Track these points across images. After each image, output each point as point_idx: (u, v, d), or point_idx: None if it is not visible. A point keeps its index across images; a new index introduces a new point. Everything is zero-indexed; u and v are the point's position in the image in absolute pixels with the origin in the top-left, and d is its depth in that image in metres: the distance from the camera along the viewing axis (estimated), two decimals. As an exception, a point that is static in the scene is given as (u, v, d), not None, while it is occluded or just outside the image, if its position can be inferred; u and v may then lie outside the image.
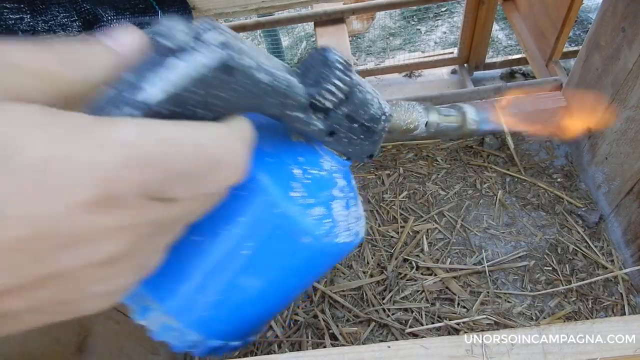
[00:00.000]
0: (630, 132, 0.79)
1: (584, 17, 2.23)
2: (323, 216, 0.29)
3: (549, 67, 1.36)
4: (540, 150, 1.01)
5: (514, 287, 0.82)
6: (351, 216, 0.32)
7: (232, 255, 0.28)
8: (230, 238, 0.28)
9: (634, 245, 0.81)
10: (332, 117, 0.27)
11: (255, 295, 0.30)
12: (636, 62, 0.74)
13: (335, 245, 0.29)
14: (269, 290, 0.30)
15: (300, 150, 0.30)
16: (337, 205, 0.30)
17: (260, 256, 0.28)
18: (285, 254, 0.29)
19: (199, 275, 0.28)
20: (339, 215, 0.30)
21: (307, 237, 0.28)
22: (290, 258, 0.29)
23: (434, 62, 1.91)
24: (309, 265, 0.31)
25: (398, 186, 0.97)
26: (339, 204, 0.30)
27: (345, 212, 0.31)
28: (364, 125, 0.29)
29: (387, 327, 0.79)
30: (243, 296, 0.29)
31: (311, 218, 0.28)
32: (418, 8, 2.46)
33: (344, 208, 0.31)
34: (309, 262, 0.30)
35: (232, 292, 0.29)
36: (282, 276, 0.30)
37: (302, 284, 0.33)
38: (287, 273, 0.30)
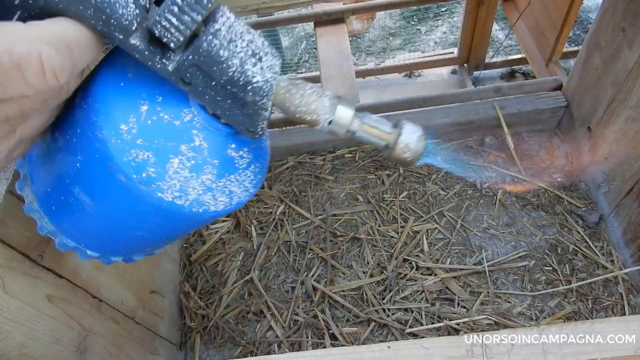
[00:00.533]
0: (630, 132, 0.79)
1: (584, 17, 2.23)
2: (147, 163, 0.27)
3: (549, 67, 1.36)
4: (540, 150, 1.01)
5: (514, 287, 0.82)
6: (200, 183, 0.29)
7: (68, 163, 0.28)
8: (69, 146, 0.28)
9: (634, 245, 0.81)
10: (180, 62, 0.24)
11: (90, 213, 0.30)
12: (636, 62, 0.74)
13: (157, 200, 0.27)
14: (101, 213, 0.30)
15: (166, 91, 0.27)
16: (176, 162, 0.28)
17: (88, 173, 0.28)
18: (105, 183, 0.28)
19: (46, 171, 0.30)
20: (174, 174, 0.28)
21: (120, 174, 0.27)
22: (110, 190, 0.28)
23: (434, 62, 1.91)
24: (135, 208, 0.29)
25: (398, 186, 0.97)
26: (181, 162, 0.28)
27: (186, 174, 0.28)
28: (225, 87, 0.26)
29: (387, 327, 0.79)
30: (79, 207, 0.30)
31: (130, 158, 0.26)
32: (418, 8, 2.46)
33: (189, 170, 0.28)
34: (133, 204, 0.28)
35: (68, 198, 0.29)
36: (110, 206, 0.29)
37: (140, 226, 0.31)
38: (113, 203, 0.29)
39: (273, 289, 0.87)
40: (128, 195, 0.27)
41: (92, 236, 0.33)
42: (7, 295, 0.45)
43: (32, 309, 0.48)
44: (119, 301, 0.65)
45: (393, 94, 1.92)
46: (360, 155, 1.04)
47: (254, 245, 0.92)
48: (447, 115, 1.01)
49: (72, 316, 0.54)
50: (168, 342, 0.80)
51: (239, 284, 0.87)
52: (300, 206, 0.96)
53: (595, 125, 0.89)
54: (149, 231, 0.32)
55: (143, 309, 0.73)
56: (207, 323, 0.84)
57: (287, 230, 0.93)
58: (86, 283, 0.58)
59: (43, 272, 0.50)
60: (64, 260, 0.54)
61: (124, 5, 0.22)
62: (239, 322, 0.84)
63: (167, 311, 0.82)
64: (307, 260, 0.88)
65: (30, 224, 0.49)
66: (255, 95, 0.26)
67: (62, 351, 0.52)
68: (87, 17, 0.22)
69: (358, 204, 0.96)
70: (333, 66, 1.34)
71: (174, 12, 0.22)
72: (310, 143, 1.03)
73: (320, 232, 0.92)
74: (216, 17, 0.24)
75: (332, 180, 1.00)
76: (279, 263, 0.90)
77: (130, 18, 0.22)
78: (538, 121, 1.02)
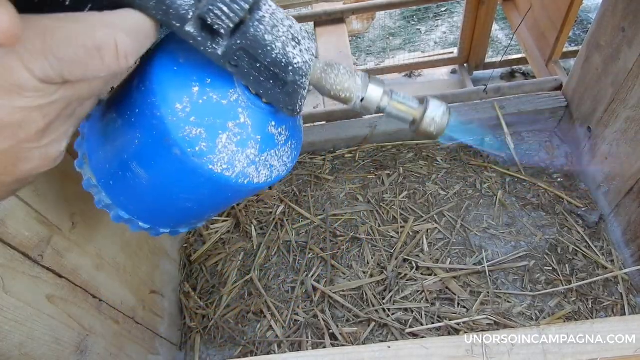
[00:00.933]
0: (630, 132, 0.79)
1: (584, 17, 2.23)
2: (199, 138, 0.30)
3: (549, 67, 1.36)
4: (540, 150, 1.01)
5: (514, 287, 0.82)
6: (245, 156, 0.32)
7: (127, 140, 0.31)
8: (127, 125, 0.31)
9: (634, 245, 0.81)
10: (228, 47, 0.27)
11: (146, 187, 0.33)
12: (636, 62, 0.74)
13: (208, 171, 0.30)
14: (156, 185, 0.33)
15: (215, 73, 0.30)
16: (224, 137, 0.30)
17: (145, 149, 0.31)
18: (161, 157, 0.31)
19: (104, 149, 0.33)
20: (224, 147, 0.30)
21: (176, 148, 0.29)
22: (166, 163, 0.31)
23: (434, 62, 1.91)
24: (187, 180, 0.31)
25: (398, 186, 0.97)
26: (228, 137, 0.31)
27: (234, 148, 0.31)
28: (268, 69, 0.28)
29: (387, 327, 0.79)
30: (135, 182, 0.33)
31: (185, 134, 0.29)
32: (418, 8, 2.46)
33: (236, 144, 0.31)
34: (186, 176, 0.31)
35: (125, 174, 0.32)
36: (165, 179, 0.32)
37: (190, 197, 0.34)
38: (168, 178, 0.32)
39: (273, 289, 0.87)
40: (182, 168, 0.30)
41: (146, 208, 0.36)
42: (7, 295, 0.45)
43: (32, 308, 0.48)
44: (119, 301, 0.65)
45: (393, 94, 1.91)
46: (360, 155, 1.04)
47: (254, 245, 0.92)
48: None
49: (72, 316, 0.54)
50: (168, 342, 0.80)
51: (239, 284, 0.87)
52: (300, 206, 0.96)
53: (595, 125, 0.89)
54: (197, 202, 0.35)
55: (143, 309, 0.73)
56: (207, 323, 0.84)
57: (287, 230, 0.93)
58: (86, 283, 0.58)
59: (43, 272, 0.50)
60: (64, 260, 0.54)
61: None
62: (239, 322, 0.84)
63: (167, 311, 0.82)
64: (307, 260, 0.88)
65: (31, 224, 0.49)
66: (296, 75, 0.29)
67: (62, 351, 0.52)
68: (149, 7, 0.24)
69: (358, 204, 0.96)
70: (333, 66, 1.34)
71: (225, 1, 0.25)
72: (310, 143, 1.03)
73: (320, 232, 0.92)
74: (260, 5, 0.27)
75: (332, 180, 1.00)
76: (279, 263, 0.90)
77: (186, 8, 0.25)
78: (538, 121, 1.02)
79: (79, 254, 0.57)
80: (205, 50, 0.27)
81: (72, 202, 0.57)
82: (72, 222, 0.57)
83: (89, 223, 0.60)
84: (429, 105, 0.32)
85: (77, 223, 0.57)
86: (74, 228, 0.57)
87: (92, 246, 0.60)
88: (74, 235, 0.57)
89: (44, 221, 0.51)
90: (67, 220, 0.56)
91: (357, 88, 0.31)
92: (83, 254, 0.58)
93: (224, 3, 0.25)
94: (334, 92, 0.31)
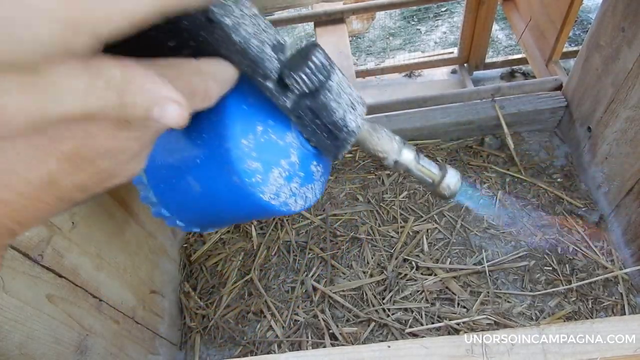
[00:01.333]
0: (630, 132, 0.79)
1: (584, 17, 2.23)
2: (257, 171, 0.35)
3: (549, 67, 1.36)
4: (540, 150, 1.01)
5: (514, 287, 0.82)
6: (289, 189, 0.37)
7: (188, 157, 0.36)
8: (192, 145, 0.36)
9: (634, 245, 0.81)
10: (297, 103, 0.32)
11: (195, 196, 0.38)
12: (636, 62, 0.74)
13: (257, 199, 0.35)
14: (206, 198, 0.38)
15: (276, 117, 0.35)
16: (277, 172, 0.36)
17: (205, 169, 0.36)
18: (219, 180, 0.35)
19: (162, 156, 0.38)
20: (274, 180, 0.36)
21: (236, 177, 0.34)
22: (222, 185, 0.36)
23: (434, 62, 1.91)
24: (237, 201, 0.37)
25: (398, 186, 0.97)
26: (280, 172, 0.36)
27: (282, 182, 0.36)
28: (326, 126, 0.33)
29: (387, 327, 0.79)
30: (186, 190, 0.38)
31: (246, 166, 0.34)
32: (418, 8, 2.46)
33: (284, 179, 0.36)
34: (237, 198, 0.36)
35: (179, 182, 0.38)
36: (217, 195, 0.37)
37: (232, 212, 0.39)
38: (220, 196, 0.37)
39: (273, 289, 0.87)
40: (236, 192, 0.35)
41: (188, 212, 0.41)
42: (7, 295, 0.45)
43: (32, 308, 0.48)
44: (119, 301, 0.65)
45: (393, 94, 1.92)
46: (360, 155, 1.04)
47: (254, 245, 0.92)
48: (447, 115, 1.01)
49: (72, 316, 0.54)
50: (168, 342, 0.80)
51: (239, 284, 0.87)
52: (300, 206, 0.96)
53: (595, 125, 0.89)
54: (236, 216, 0.41)
55: (143, 309, 0.73)
56: (207, 323, 0.84)
57: (287, 230, 0.93)
58: (86, 283, 0.58)
59: (43, 271, 0.50)
60: (64, 260, 0.54)
61: (270, 60, 0.30)
62: (239, 322, 0.84)
63: (167, 311, 0.82)
64: (307, 260, 0.88)
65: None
66: (347, 135, 0.34)
67: (62, 351, 0.52)
68: (241, 63, 0.29)
69: (358, 204, 0.96)
70: (333, 66, 1.34)
71: (306, 72, 0.30)
72: (310, 143, 1.03)
73: (320, 232, 0.92)
74: (332, 76, 0.32)
75: (332, 180, 1.00)
76: (279, 263, 0.90)
77: (272, 69, 0.30)
78: (538, 121, 1.02)
79: (79, 253, 0.57)
80: (276, 101, 0.31)
81: (72, 202, 0.57)
82: (72, 222, 0.57)
83: (89, 223, 0.60)
84: (447, 173, 0.37)
85: (77, 223, 0.57)
86: (73, 228, 0.57)
87: (92, 246, 0.60)
88: (74, 235, 0.57)
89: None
90: (67, 220, 0.56)
91: (394, 151, 0.36)
92: (83, 254, 0.58)
93: (304, 73, 0.29)
94: (374, 151, 0.36)
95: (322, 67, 0.30)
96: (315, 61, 0.30)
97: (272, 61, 0.30)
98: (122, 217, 0.69)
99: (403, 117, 1.03)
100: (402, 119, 1.03)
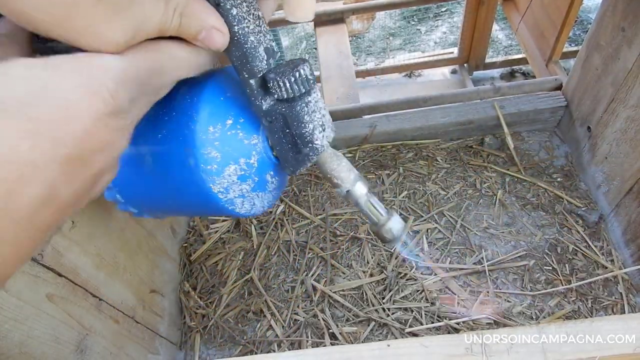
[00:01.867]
0: (630, 131, 0.79)
1: (584, 17, 2.23)
2: (214, 160, 0.35)
3: (548, 67, 1.36)
4: (540, 150, 1.01)
5: (514, 286, 0.82)
6: (239, 189, 0.38)
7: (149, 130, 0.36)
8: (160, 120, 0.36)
9: (633, 245, 0.81)
10: (273, 107, 0.33)
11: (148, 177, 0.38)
12: (636, 62, 0.74)
13: (206, 188, 0.36)
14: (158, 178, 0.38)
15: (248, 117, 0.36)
16: (233, 168, 0.36)
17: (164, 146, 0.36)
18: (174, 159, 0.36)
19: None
20: (228, 175, 0.36)
21: (192, 159, 0.35)
22: (176, 165, 0.36)
23: (434, 62, 1.91)
24: (186, 186, 0.37)
25: (398, 186, 0.97)
26: (236, 169, 0.37)
27: (235, 179, 0.37)
28: (294, 137, 0.34)
29: (387, 326, 0.79)
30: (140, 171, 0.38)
31: (205, 152, 0.35)
32: (418, 8, 2.46)
33: (238, 177, 0.37)
34: (188, 183, 0.36)
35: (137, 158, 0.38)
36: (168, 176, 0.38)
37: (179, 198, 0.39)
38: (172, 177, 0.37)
39: (273, 288, 0.87)
40: (188, 176, 0.36)
41: (140, 196, 0.41)
42: (7, 294, 0.45)
43: (31, 307, 0.48)
44: (119, 300, 0.65)
45: (393, 94, 1.92)
46: (360, 155, 1.04)
47: (254, 245, 0.92)
48: (447, 115, 1.01)
49: (72, 315, 0.54)
50: (168, 341, 0.80)
51: (239, 283, 0.87)
52: (300, 206, 0.96)
53: (595, 125, 0.89)
54: (184, 205, 0.41)
55: (143, 308, 0.73)
56: (207, 322, 0.84)
57: (287, 230, 0.93)
58: (86, 282, 0.58)
59: (43, 270, 0.50)
60: (63, 259, 0.54)
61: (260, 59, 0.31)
62: (238, 322, 0.84)
63: (167, 310, 0.82)
64: (307, 260, 0.88)
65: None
66: (310, 151, 0.35)
67: (62, 350, 0.52)
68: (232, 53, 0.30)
69: (358, 204, 0.96)
70: (333, 66, 1.34)
71: (290, 80, 0.31)
72: (310, 143, 1.03)
73: (320, 231, 0.92)
74: (311, 92, 0.33)
75: (332, 180, 1.00)
76: (279, 263, 0.90)
77: (260, 69, 0.31)
78: (538, 121, 1.02)
79: (79, 253, 0.57)
80: (253, 101, 0.33)
81: (72, 201, 0.57)
82: (72, 221, 0.57)
83: (89, 222, 0.60)
84: (392, 218, 0.38)
85: (77, 222, 0.57)
86: (73, 227, 0.57)
87: (92, 245, 0.60)
88: (74, 234, 0.57)
89: (43, 220, 0.51)
90: (67, 219, 0.56)
91: (349, 181, 0.37)
92: (83, 253, 0.58)
93: (288, 80, 0.31)
94: (331, 175, 0.37)
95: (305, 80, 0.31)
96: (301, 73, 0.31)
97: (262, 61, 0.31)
98: (122, 217, 0.69)
99: (403, 117, 1.03)
100: (402, 119, 1.03)
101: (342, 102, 1.19)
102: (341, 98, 1.22)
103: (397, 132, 1.02)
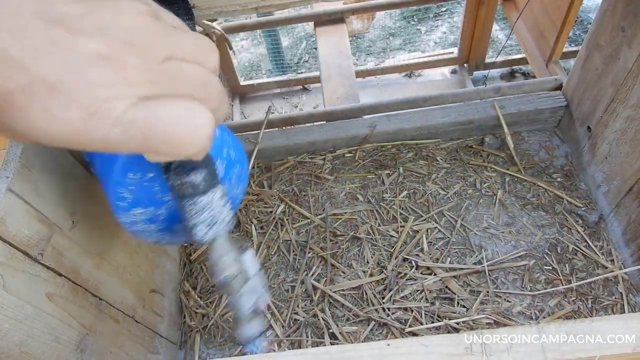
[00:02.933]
0: (630, 131, 0.79)
1: (584, 17, 2.23)
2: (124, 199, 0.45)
3: (548, 67, 1.36)
4: (540, 150, 1.01)
5: (514, 286, 0.82)
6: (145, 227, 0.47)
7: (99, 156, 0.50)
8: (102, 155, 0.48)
9: (633, 245, 0.81)
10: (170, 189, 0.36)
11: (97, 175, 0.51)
12: (636, 62, 0.74)
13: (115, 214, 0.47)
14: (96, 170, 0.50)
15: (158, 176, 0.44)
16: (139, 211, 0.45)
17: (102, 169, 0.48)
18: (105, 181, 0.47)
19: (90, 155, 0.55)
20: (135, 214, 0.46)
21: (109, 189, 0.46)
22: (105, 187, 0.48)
23: (434, 62, 1.91)
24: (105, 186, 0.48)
25: (398, 186, 0.97)
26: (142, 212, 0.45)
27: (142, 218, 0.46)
28: (185, 217, 0.37)
29: (387, 326, 0.79)
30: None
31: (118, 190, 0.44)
32: (418, 8, 2.46)
33: (145, 219, 0.46)
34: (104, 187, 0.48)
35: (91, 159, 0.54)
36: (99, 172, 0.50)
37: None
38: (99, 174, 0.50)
39: (273, 288, 0.87)
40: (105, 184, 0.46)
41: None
42: (7, 293, 0.45)
43: (32, 307, 0.48)
44: (119, 300, 0.65)
45: (393, 94, 1.92)
46: (360, 154, 1.04)
47: (254, 245, 0.92)
48: (447, 115, 1.01)
49: (72, 314, 0.54)
50: (168, 341, 0.80)
51: (238, 283, 0.87)
52: (300, 205, 0.96)
53: (595, 124, 0.89)
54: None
55: (143, 308, 0.73)
56: (207, 322, 0.84)
57: (287, 230, 0.93)
58: (86, 281, 0.58)
59: (43, 270, 0.50)
60: (64, 258, 0.54)
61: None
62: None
63: (167, 310, 0.82)
64: (307, 260, 0.88)
65: (31, 223, 0.49)
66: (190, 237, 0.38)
67: (62, 349, 0.52)
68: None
69: (358, 204, 0.96)
70: (333, 66, 1.34)
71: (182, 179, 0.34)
72: (310, 143, 1.03)
73: (320, 231, 0.92)
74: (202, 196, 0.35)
75: (332, 180, 1.00)
76: (279, 262, 0.90)
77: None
78: (538, 121, 1.02)
79: (79, 252, 0.57)
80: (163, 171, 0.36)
81: (72, 201, 0.57)
82: (72, 221, 0.57)
83: (89, 222, 0.60)
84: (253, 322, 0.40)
85: (77, 222, 0.57)
86: (74, 227, 0.57)
87: (92, 245, 0.60)
88: (74, 233, 0.57)
89: (44, 220, 0.51)
90: (67, 219, 0.56)
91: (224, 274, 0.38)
92: (83, 253, 0.58)
93: (180, 179, 0.34)
94: (212, 262, 0.38)
95: (193, 186, 0.34)
96: (192, 179, 0.34)
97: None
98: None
99: (403, 117, 1.03)
100: (402, 118, 1.03)
101: (342, 102, 1.19)
102: (341, 98, 1.22)
103: (397, 132, 1.02)
